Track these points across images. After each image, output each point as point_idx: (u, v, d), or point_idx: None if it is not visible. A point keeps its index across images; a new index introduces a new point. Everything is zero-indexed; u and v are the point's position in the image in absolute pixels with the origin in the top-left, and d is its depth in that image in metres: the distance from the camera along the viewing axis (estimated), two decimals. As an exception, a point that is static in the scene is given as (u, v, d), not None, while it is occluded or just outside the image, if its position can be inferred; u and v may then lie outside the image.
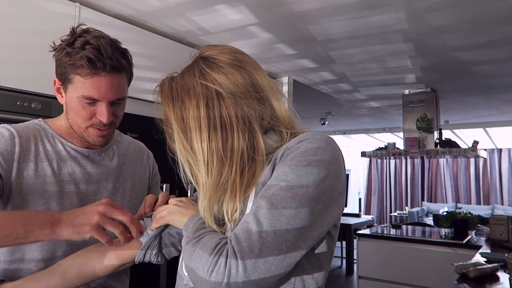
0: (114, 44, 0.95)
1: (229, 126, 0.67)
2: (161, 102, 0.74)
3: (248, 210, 0.66)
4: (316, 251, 0.68)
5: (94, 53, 0.90)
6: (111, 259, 0.83)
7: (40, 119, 1.05)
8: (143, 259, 0.82)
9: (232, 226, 0.68)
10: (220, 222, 0.70)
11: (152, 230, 0.83)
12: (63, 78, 0.94)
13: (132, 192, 1.10)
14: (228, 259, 0.58)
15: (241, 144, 0.67)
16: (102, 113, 0.94)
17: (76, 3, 2.01)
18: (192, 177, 0.70)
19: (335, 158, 0.66)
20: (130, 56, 1.01)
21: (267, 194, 0.62)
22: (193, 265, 0.62)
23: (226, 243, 0.60)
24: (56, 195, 0.96)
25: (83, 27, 0.96)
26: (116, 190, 1.07)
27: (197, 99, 0.68)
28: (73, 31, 0.94)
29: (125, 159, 1.12)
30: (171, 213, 0.79)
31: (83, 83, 0.91)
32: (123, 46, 0.99)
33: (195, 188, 0.73)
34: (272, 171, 0.67)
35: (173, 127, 0.71)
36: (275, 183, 0.63)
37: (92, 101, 0.93)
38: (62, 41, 0.94)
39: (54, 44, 0.95)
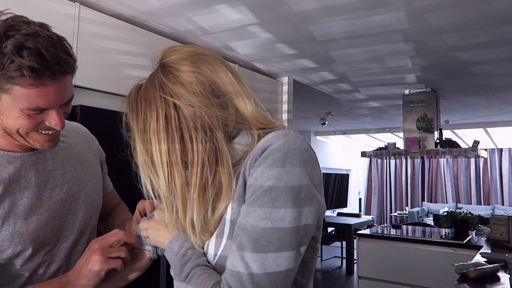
0: (55, 42, 0.76)
1: (188, 138, 0.66)
2: (127, 115, 0.72)
3: (227, 222, 0.66)
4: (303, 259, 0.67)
5: (37, 61, 0.71)
6: (131, 275, 0.86)
7: None
8: (157, 254, 0.84)
9: (206, 240, 0.68)
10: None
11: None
12: None
13: (85, 180, 1.00)
14: None
15: (202, 157, 0.65)
16: (53, 120, 0.80)
17: (76, 3, 2.01)
18: (153, 192, 0.69)
19: (305, 161, 0.63)
20: (71, 46, 0.81)
21: (247, 224, 0.61)
22: None
23: None
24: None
25: (3, 16, 0.77)
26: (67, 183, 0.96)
27: (157, 112, 0.67)
28: None
29: (75, 146, 1.00)
30: (151, 238, 0.79)
31: (26, 94, 0.74)
32: (59, 34, 0.80)
33: None
34: (244, 183, 0.65)
35: (135, 140, 0.70)
36: (252, 209, 0.62)
37: (40, 111, 0.78)
38: None
39: None
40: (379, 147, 4.31)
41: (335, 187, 7.46)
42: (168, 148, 0.66)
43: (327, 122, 6.09)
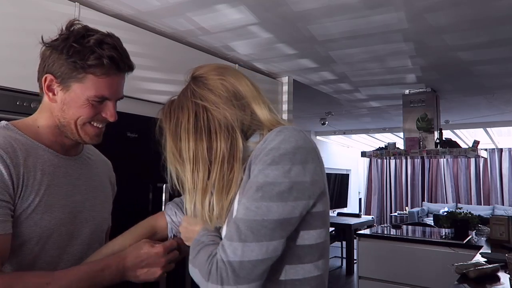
0: (122, 43, 0.93)
1: (214, 134, 0.77)
2: (161, 120, 0.85)
3: (234, 211, 0.74)
4: (300, 243, 0.74)
5: (116, 53, 0.88)
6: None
7: (2, 124, 0.92)
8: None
9: (222, 225, 0.78)
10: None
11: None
12: (64, 76, 0.88)
13: (103, 198, 1.07)
14: (218, 268, 0.68)
15: (223, 152, 0.76)
16: (110, 111, 0.93)
17: (76, 3, 2.01)
18: (178, 183, 0.81)
19: (299, 147, 0.71)
20: None
21: (246, 195, 0.71)
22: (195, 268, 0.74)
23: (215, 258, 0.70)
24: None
25: (77, 24, 0.91)
26: (96, 194, 1.04)
27: (188, 113, 0.79)
28: (70, 28, 0.89)
29: (97, 166, 1.08)
30: (186, 239, 0.89)
31: (97, 82, 0.88)
32: None
33: None
34: (249, 174, 0.74)
35: (166, 139, 0.82)
36: (249, 186, 0.71)
37: (102, 100, 0.91)
38: (60, 37, 0.89)
39: (43, 40, 0.91)
40: (379, 147, 4.31)
41: (335, 187, 7.46)
42: (196, 144, 0.77)
43: (327, 122, 6.09)
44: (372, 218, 6.49)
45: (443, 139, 4.03)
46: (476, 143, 3.91)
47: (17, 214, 0.83)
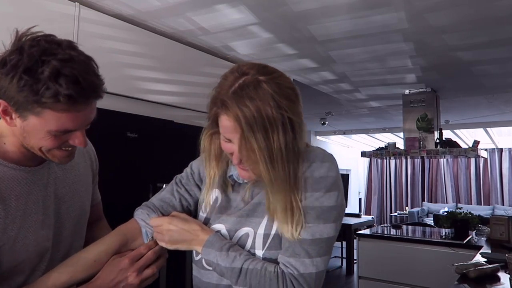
0: (89, 65, 0.77)
1: (292, 129, 0.79)
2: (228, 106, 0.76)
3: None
4: None
5: (75, 89, 0.72)
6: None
7: None
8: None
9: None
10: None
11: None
12: (19, 107, 0.74)
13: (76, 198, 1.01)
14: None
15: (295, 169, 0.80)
16: (78, 139, 0.82)
17: (76, 3, 2.01)
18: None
19: (338, 173, 0.83)
20: (97, 65, 0.81)
21: (308, 219, 0.79)
22: None
23: (284, 276, 0.77)
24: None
25: (32, 33, 0.75)
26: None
27: (273, 116, 0.76)
28: (21, 46, 0.73)
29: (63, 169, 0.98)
30: (173, 236, 0.86)
31: (57, 118, 0.75)
32: (86, 54, 0.80)
33: None
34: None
35: (245, 132, 0.75)
36: (309, 211, 0.79)
37: (66, 132, 0.79)
38: (9, 61, 0.71)
39: None
40: (379, 147, 4.31)
41: (335, 187, 7.44)
42: (273, 140, 0.75)
43: (327, 122, 6.09)
44: (372, 218, 6.48)
45: (443, 139, 4.03)
46: (476, 143, 3.91)
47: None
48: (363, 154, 4.29)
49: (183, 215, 0.90)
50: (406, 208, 8.91)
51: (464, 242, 2.91)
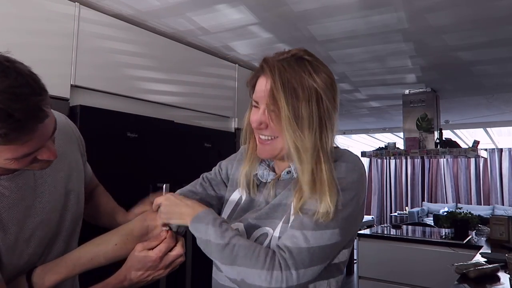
0: (19, 87, 0.66)
1: (329, 125, 0.79)
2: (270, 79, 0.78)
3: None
4: (336, 261, 0.84)
5: (9, 126, 0.64)
6: None
7: None
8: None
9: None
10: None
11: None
12: None
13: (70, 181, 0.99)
14: (283, 271, 0.72)
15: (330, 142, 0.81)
16: (46, 154, 0.76)
17: (76, 3, 2.01)
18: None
19: (361, 175, 0.81)
20: (38, 77, 0.75)
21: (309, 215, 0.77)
22: (242, 277, 0.75)
23: (274, 255, 0.74)
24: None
25: None
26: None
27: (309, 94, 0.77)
28: None
29: (60, 145, 0.94)
30: (169, 211, 0.87)
31: (8, 150, 0.69)
32: (31, 70, 0.73)
33: None
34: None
35: (280, 110, 0.76)
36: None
37: (28, 155, 0.73)
38: None
39: None
40: (379, 147, 4.31)
41: (335, 187, 7.44)
42: (315, 131, 0.77)
43: (327, 122, 6.08)
44: (372, 218, 6.49)
45: (443, 139, 4.03)
46: (476, 143, 3.91)
47: None
48: (363, 154, 4.29)
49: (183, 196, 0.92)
50: (406, 208, 8.91)
51: (464, 242, 2.91)
